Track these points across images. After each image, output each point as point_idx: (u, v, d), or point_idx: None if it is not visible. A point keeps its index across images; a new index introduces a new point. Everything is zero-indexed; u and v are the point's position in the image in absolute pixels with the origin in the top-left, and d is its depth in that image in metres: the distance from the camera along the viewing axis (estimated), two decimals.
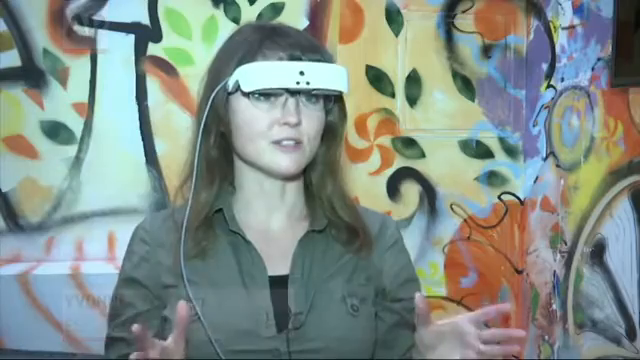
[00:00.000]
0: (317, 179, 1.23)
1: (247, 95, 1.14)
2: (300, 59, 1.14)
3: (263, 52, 1.15)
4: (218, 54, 1.21)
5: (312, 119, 1.16)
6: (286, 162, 1.15)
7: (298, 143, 1.15)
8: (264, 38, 1.16)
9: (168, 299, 1.18)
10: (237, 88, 1.14)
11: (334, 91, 1.17)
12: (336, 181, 1.24)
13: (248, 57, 1.14)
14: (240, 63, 1.14)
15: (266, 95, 1.14)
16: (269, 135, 1.14)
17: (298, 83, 1.12)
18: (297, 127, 1.14)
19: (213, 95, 1.16)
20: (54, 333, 2.01)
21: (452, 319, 1.07)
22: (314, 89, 1.14)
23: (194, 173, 1.18)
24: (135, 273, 1.20)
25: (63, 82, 2.12)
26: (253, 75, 1.13)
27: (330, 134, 1.22)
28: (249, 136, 1.15)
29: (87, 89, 2.14)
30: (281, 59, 1.14)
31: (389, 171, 2.32)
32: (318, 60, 1.15)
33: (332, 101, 1.21)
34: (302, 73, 1.12)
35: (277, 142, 1.14)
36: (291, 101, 1.14)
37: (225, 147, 1.20)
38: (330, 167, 1.23)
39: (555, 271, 2.16)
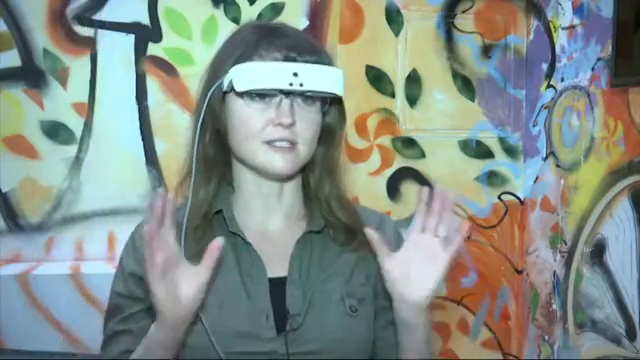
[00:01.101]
0: (315, 180, 1.23)
1: (242, 95, 1.14)
2: (295, 60, 1.14)
3: (260, 52, 1.14)
4: (217, 53, 1.21)
5: (307, 120, 1.16)
6: (280, 163, 1.14)
7: (292, 144, 1.15)
8: (261, 38, 1.16)
9: None
10: (232, 87, 1.14)
11: (328, 93, 1.17)
12: (334, 182, 1.23)
13: (244, 57, 1.14)
14: (237, 62, 1.14)
15: (261, 95, 1.14)
16: (263, 135, 1.14)
17: (291, 84, 1.11)
18: (291, 128, 1.13)
19: (209, 94, 1.16)
20: (54, 333, 2.01)
21: (405, 241, 1.12)
22: (307, 91, 1.13)
23: (193, 170, 1.18)
24: (137, 270, 1.20)
25: (63, 82, 2.12)
26: (246, 75, 1.12)
27: (328, 136, 1.22)
28: (244, 136, 1.15)
29: (87, 89, 2.14)
30: (277, 60, 1.14)
31: (389, 171, 2.32)
32: (315, 62, 1.15)
33: (328, 103, 1.20)
34: (296, 74, 1.11)
35: (270, 142, 1.14)
36: (285, 102, 1.14)
37: (222, 145, 1.20)
38: (328, 168, 1.23)
39: (555, 271, 2.16)
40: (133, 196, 2.16)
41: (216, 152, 1.20)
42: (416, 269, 1.10)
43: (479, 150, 2.37)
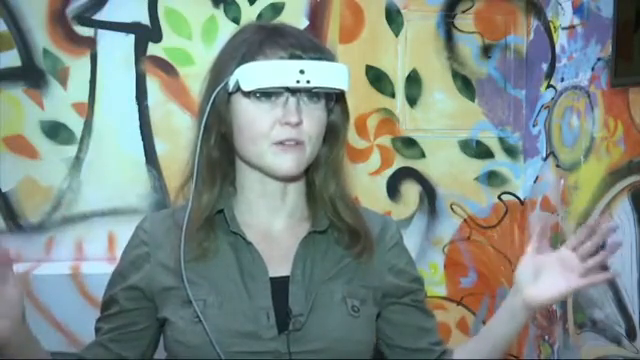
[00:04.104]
0: (320, 180, 1.23)
1: (248, 95, 1.14)
2: (300, 58, 1.14)
3: (264, 52, 1.14)
4: (220, 54, 1.21)
5: (313, 118, 1.16)
6: (288, 163, 1.15)
7: (299, 143, 1.15)
8: (265, 38, 1.16)
9: (168, 300, 1.18)
10: (238, 88, 1.14)
11: (335, 89, 1.17)
12: (339, 182, 1.24)
13: (248, 57, 1.14)
14: (241, 63, 1.14)
15: (267, 95, 1.14)
16: (271, 136, 1.14)
17: (298, 82, 1.11)
18: (298, 127, 1.14)
19: (214, 95, 1.16)
20: (54, 333, 2.01)
21: (555, 251, 1.19)
22: (314, 88, 1.13)
23: (194, 174, 1.18)
24: (129, 272, 1.21)
25: (63, 82, 2.12)
26: (253, 74, 1.12)
27: (332, 134, 1.22)
28: (250, 137, 1.15)
29: (87, 89, 2.13)
30: (282, 59, 1.14)
31: (389, 171, 2.32)
32: (320, 59, 1.15)
33: (334, 100, 1.20)
34: (302, 72, 1.11)
35: (279, 143, 1.14)
36: (292, 100, 1.14)
37: (226, 148, 1.20)
38: (333, 167, 1.23)
39: None
40: (133, 196, 2.16)
41: (221, 155, 1.20)
42: (547, 276, 1.17)
43: (479, 150, 2.37)
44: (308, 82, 1.12)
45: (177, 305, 1.17)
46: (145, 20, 2.17)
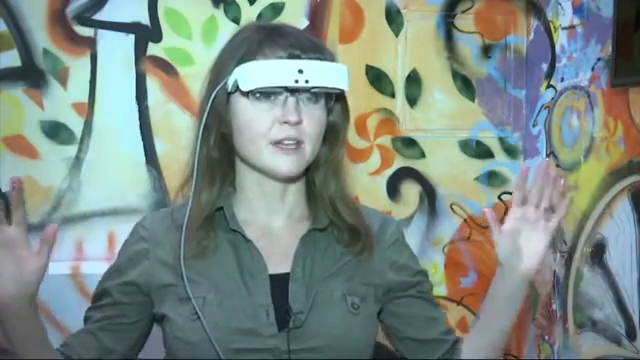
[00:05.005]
0: (320, 180, 1.23)
1: (247, 95, 1.15)
2: (299, 58, 1.14)
3: (263, 52, 1.15)
4: (220, 54, 1.22)
5: (313, 118, 1.16)
6: (287, 164, 1.15)
7: (298, 143, 1.15)
8: (264, 38, 1.16)
9: (166, 297, 1.19)
10: (237, 88, 1.14)
11: (334, 89, 1.17)
12: (339, 181, 1.24)
13: (248, 57, 1.14)
14: (240, 63, 1.14)
15: (266, 95, 1.14)
16: (269, 136, 1.14)
17: (297, 81, 1.12)
18: (297, 126, 1.14)
19: (213, 95, 1.16)
20: (54, 333, 2.01)
21: (509, 217, 1.21)
22: (313, 87, 1.13)
23: (194, 174, 1.18)
24: (127, 268, 1.21)
25: (63, 82, 2.12)
26: (251, 74, 1.13)
27: (332, 134, 1.22)
28: (250, 137, 1.15)
29: (87, 89, 2.13)
30: (281, 58, 1.14)
31: (389, 171, 2.32)
32: (319, 59, 1.15)
33: (333, 100, 1.20)
34: (301, 71, 1.12)
35: (277, 142, 1.14)
36: (291, 100, 1.14)
37: (226, 148, 1.21)
38: (333, 167, 1.23)
39: (555, 271, 2.16)
40: (133, 196, 2.16)
41: (220, 155, 1.20)
42: (524, 241, 1.18)
43: (479, 150, 2.37)
44: (307, 82, 1.12)
45: (176, 302, 1.17)
46: (145, 20, 2.17)
